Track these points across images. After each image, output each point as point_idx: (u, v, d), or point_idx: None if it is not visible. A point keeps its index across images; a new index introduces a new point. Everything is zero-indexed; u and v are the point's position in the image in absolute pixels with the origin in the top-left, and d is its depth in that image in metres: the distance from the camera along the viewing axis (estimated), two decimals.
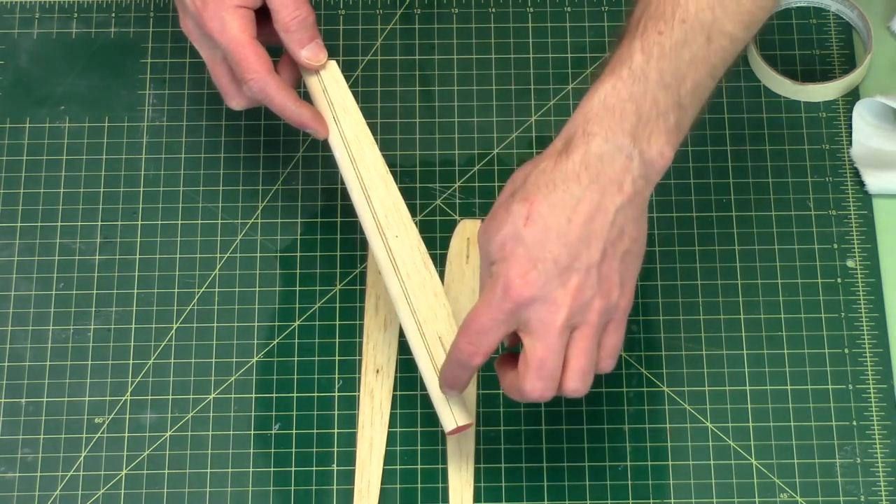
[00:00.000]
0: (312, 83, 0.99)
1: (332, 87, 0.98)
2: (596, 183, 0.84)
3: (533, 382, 0.86)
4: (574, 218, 0.84)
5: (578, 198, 0.84)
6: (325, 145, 1.09)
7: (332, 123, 0.98)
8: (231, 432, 1.01)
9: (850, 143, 1.09)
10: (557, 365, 0.86)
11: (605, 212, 0.84)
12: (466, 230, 1.06)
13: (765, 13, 0.88)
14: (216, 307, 1.05)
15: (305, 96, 0.99)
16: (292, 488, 1.00)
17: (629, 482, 1.00)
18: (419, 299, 0.94)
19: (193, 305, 1.05)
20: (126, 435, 1.01)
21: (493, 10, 1.14)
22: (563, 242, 0.84)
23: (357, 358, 1.03)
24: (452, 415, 0.93)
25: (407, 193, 0.96)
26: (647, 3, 0.87)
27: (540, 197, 0.84)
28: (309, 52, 0.97)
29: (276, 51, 0.98)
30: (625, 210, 0.85)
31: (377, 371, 1.03)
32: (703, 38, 0.86)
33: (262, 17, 0.96)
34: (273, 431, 1.01)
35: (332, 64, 0.99)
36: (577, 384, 0.86)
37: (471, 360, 0.87)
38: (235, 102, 0.98)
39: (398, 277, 0.95)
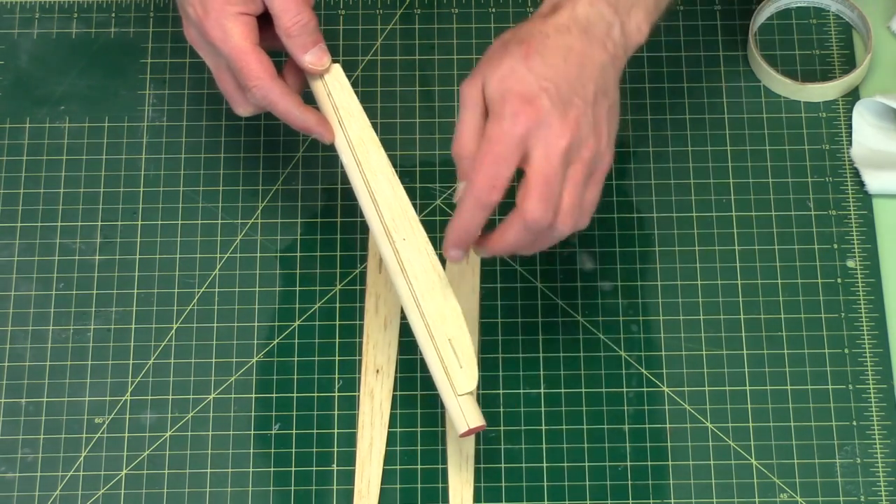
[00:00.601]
0: (317, 87, 0.99)
1: (336, 91, 0.98)
2: (584, 35, 0.88)
3: (535, 203, 0.87)
4: (569, 58, 0.88)
5: (570, 45, 0.88)
6: (327, 146, 1.09)
7: (338, 127, 0.98)
8: (231, 432, 1.01)
9: (850, 143, 1.09)
10: (558, 190, 0.88)
11: (593, 61, 0.88)
12: None
13: None
14: (216, 307, 1.05)
15: (309, 99, 0.99)
16: (292, 488, 1.00)
17: (629, 482, 1.00)
18: (428, 302, 0.94)
19: (193, 305, 1.05)
20: (126, 435, 1.01)
21: (493, 10, 1.14)
22: (562, 76, 0.87)
23: (357, 358, 1.03)
24: (464, 417, 0.93)
25: (407, 193, 0.96)
26: None
27: (535, 41, 0.88)
28: (312, 56, 0.97)
29: (280, 55, 0.98)
30: (607, 68, 0.89)
31: (377, 371, 1.03)
32: None
33: (264, 22, 0.96)
34: (273, 431, 1.01)
35: (336, 67, 0.98)
36: (570, 219, 0.89)
37: (489, 196, 0.88)
38: (242, 109, 0.98)
39: (406, 280, 0.94)
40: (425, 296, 0.94)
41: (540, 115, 0.87)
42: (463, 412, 0.93)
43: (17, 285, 1.06)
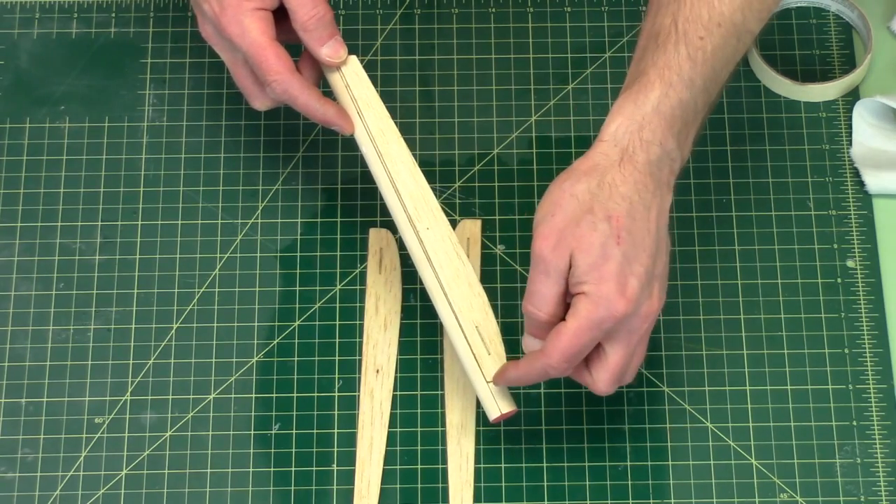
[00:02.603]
0: (335, 80, 0.99)
1: (354, 83, 0.98)
2: (658, 188, 0.88)
3: (610, 385, 0.90)
4: (650, 228, 0.88)
5: (649, 206, 0.88)
6: (326, 145, 1.09)
7: (357, 119, 0.98)
8: (231, 432, 1.01)
9: (850, 143, 1.09)
10: (627, 365, 0.90)
11: (665, 214, 0.89)
12: (466, 230, 1.06)
13: (776, 6, 0.93)
14: (216, 307, 1.05)
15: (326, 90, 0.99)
16: (292, 488, 1.00)
17: (629, 482, 1.00)
18: (454, 290, 0.94)
19: (193, 305, 1.05)
20: (126, 435, 1.01)
21: (493, 10, 1.14)
22: (647, 253, 0.87)
23: (357, 358, 1.03)
24: (496, 403, 0.93)
25: None
26: (678, 2, 0.90)
27: (622, 212, 0.87)
28: (329, 49, 0.97)
29: (295, 48, 0.98)
30: (670, 208, 0.90)
31: (377, 371, 1.03)
32: (735, 39, 0.90)
33: (280, 16, 0.96)
34: (273, 431, 1.01)
35: (353, 59, 0.99)
36: (633, 379, 0.92)
37: (561, 373, 0.90)
38: (259, 103, 0.99)
39: (432, 269, 0.95)
40: (451, 284, 0.95)
41: (632, 306, 0.87)
42: (495, 398, 0.93)
43: (17, 285, 1.06)
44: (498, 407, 0.94)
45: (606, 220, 0.87)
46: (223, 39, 0.96)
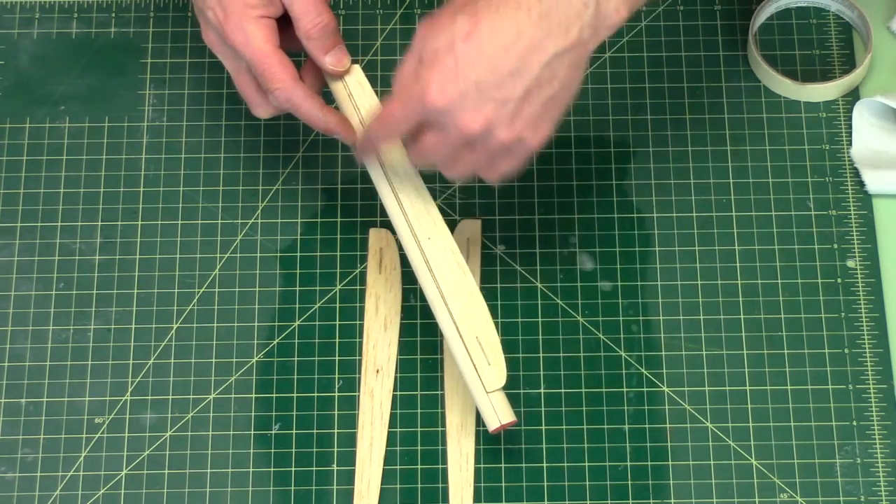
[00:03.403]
0: (338, 88, 0.99)
1: (357, 92, 0.98)
2: (544, 20, 0.86)
3: (414, 158, 0.93)
4: (511, 49, 0.86)
5: (521, 31, 0.86)
6: (326, 145, 1.09)
7: (360, 128, 0.98)
8: (231, 432, 1.01)
9: (850, 143, 1.09)
10: (441, 159, 0.90)
11: (543, 52, 0.86)
12: (466, 230, 1.06)
13: None
14: (216, 307, 1.05)
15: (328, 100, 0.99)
16: (292, 488, 1.00)
17: (629, 482, 1.00)
18: (455, 300, 0.94)
19: (193, 305, 1.05)
20: (126, 435, 1.01)
21: None
22: (491, 69, 0.86)
23: (357, 358, 1.03)
24: (496, 413, 0.93)
25: None
26: None
27: (487, 17, 0.86)
28: (332, 57, 0.97)
29: (297, 56, 0.98)
30: (563, 56, 0.87)
31: (377, 371, 1.03)
32: None
33: (284, 24, 0.96)
34: (273, 431, 1.01)
35: (357, 68, 0.99)
36: (451, 175, 0.92)
37: (377, 139, 0.93)
38: (262, 111, 0.99)
39: (433, 279, 0.95)
40: (452, 294, 0.94)
41: (446, 104, 0.86)
42: (494, 408, 0.93)
43: (17, 285, 1.06)
44: (497, 418, 0.94)
45: (470, 16, 0.86)
46: (227, 47, 0.96)
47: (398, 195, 0.96)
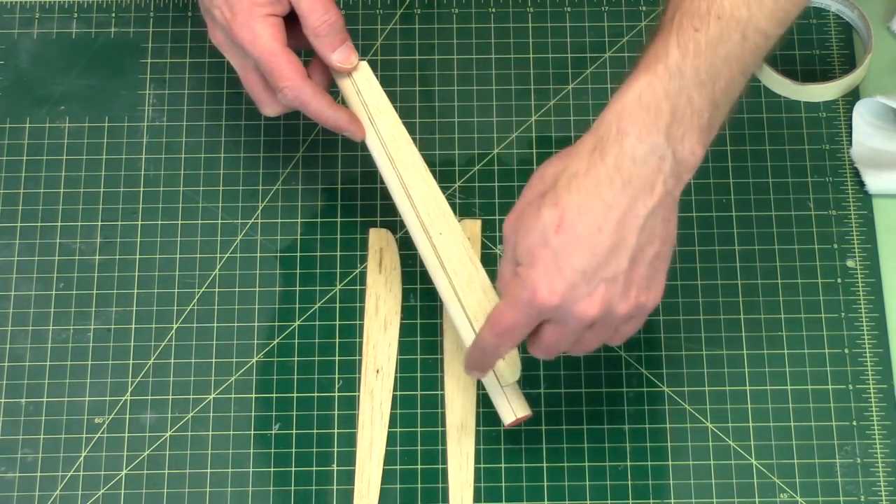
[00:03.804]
0: (345, 86, 0.99)
1: (365, 89, 0.98)
2: (628, 187, 0.84)
3: (539, 354, 0.89)
4: (604, 226, 0.84)
5: (609, 204, 0.84)
6: (326, 145, 1.09)
7: (368, 125, 0.98)
8: (231, 432, 1.01)
9: (850, 143, 1.09)
10: (566, 347, 0.88)
11: (636, 217, 0.84)
12: (466, 230, 1.06)
13: (797, 10, 0.88)
14: (216, 307, 1.05)
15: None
16: (292, 488, 1.00)
17: (629, 482, 1.00)
18: (468, 295, 0.94)
19: (193, 305, 1.05)
20: (126, 435, 1.01)
21: (493, 10, 1.14)
22: (591, 252, 0.84)
23: (357, 358, 1.03)
24: (511, 407, 0.94)
25: None
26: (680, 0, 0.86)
27: (571, 204, 0.84)
28: (340, 55, 0.97)
29: (304, 54, 0.98)
30: (655, 213, 0.85)
31: (377, 371, 1.03)
32: (739, 35, 0.85)
33: (291, 21, 0.96)
34: (273, 431, 1.01)
35: (364, 65, 0.99)
36: (578, 354, 0.90)
37: (496, 351, 0.89)
38: (270, 109, 0.98)
39: (446, 274, 0.95)
40: (465, 289, 0.95)
41: (558, 300, 0.84)
42: (510, 402, 0.94)
43: (17, 285, 1.06)
44: (513, 411, 0.94)
45: (553, 206, 0.84)
46: (234, 46, 0.96)
47: (409, 192, 0.97)
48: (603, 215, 0.84)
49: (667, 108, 0.84)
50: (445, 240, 0.96)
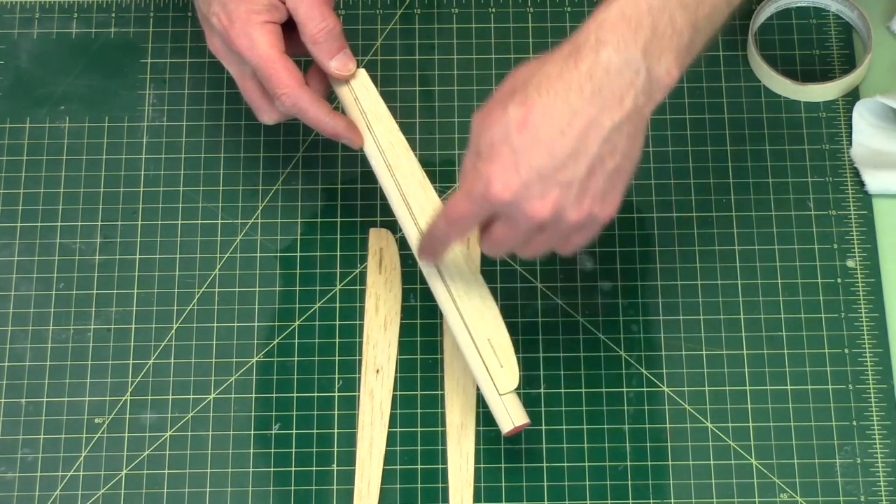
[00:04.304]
0: (343, 93, 0.99)
1: (363, 96, 0.98)
2: (598, 96, 0.84)
3: (487, 249, 0.90)
4: (567, 131, 0.84)
5: (576, 111, 0.84)
6: (326, 146, 1.09)
7: (366, 132, 0.98)
8: (231, 432, 1.01)
9: (850, 143, 1.09)
10: (514, 246, 0.89)
11: (601, 127, 0.84)
12: None
13: None
14: (216, 307, 1.05)
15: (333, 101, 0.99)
16: (292, 488, 1.00)
17: (629, 482, 1.00)
18: (466, 302, 0.94)
19: (193, 305, 1.05)
20: (126, 435, 1.01)
21: (493, 10, 1.14)
22: (551, 154, 0.84)
23: (357, 358, 1.03)
24: (509, 416, 0.94)
25: None
26: None
27: (539, 104, 0.84)
28: (338, 62, 0.97)
29: (302, 62, 0.98)
30: (621, 126, 0.85)
31: (377, 371, 1.03)
32: None
33: (289, 29, 0.96)
34: (273, 431, 1.01)
35: (362, 72, 0.99)
36: (526, 257, 0.90)
37: (446, 238, 0.91)
38: (268, 117, 0.98)
39: (444, 282, 0.95)
40: (463, 297, 0.94)
41: (511, 196, 0.85)
42: (507, 411, 0.93)
43: (17, 285, 1.06)
44: (511, 420, 0.94)
45: (521, 105, 0.84)
46: (232, 53, 0.96)
47: (407, 199, 0.96)
48: (568, 120, 0.84)
49: (648, 23, 0.84)
50: None
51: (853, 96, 1.11)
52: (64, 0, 1.15)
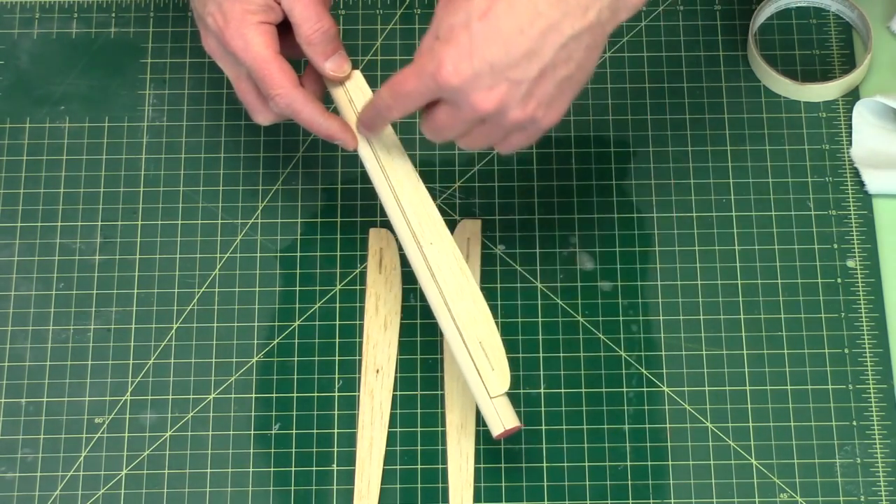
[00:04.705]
0: (338, 94, 0.99)
1: (358, 98, 0.98)
2: (563, 2, 0.85)
3: (427, 133, 0.91)
4: (527, 31, 0.85)
5: (539, 12, 0.85)
6: (326, 146, 1.09)
7: (360, 134, 0.98)
8: (231, 432, 1.01)
9: (850, 143, 1.09)
10: (454, 134, 0.89)
11: (560, 33, 0.85)
12: (466, 230, 1.06)
13: None
14: (216, 307, 1.05)
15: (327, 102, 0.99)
16: (292, 488, 1.00)
17: (629, 482, 1.00)
18: (458, 305, 0.94)
19: (193, 305, 1.05)
20: (126, 435, 1.01)
21: None
22: (506, 49, 0.85)
23: (357, 358, 1.03)
24: (500, 419, 0.93)
25: None
26: None
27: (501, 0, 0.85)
28: (333, 63, 0.97)
29: (297, 63, 0.98)
30: (581, 36, 0.86)
31: (377, 371, 1.03)
32: None
33: (284, 30, 0.96)
34: (273, 431, 1.01)
35: (357, 74, 0.99)
36: (464, 147, 0.91)
37: (388, 112, 0.91)
38: (262, 118, 0.98)
39: (436, 284, 0.95)
40: (455, 299, 0.94)
41: (460, 82, 0.85)
42: (498, 414, 0.93)
43: (17, 285, 1.06)
44: (501, 423, 0.93)
45: None
46: (227, 53, 0.96)
47: (400, 202, 0.96)
48: (529, 20, 0.85)
49: None
50: (436, 250, 0.95)
51: (853, 96, 1.11)
52: (64, 0, 1.15)
